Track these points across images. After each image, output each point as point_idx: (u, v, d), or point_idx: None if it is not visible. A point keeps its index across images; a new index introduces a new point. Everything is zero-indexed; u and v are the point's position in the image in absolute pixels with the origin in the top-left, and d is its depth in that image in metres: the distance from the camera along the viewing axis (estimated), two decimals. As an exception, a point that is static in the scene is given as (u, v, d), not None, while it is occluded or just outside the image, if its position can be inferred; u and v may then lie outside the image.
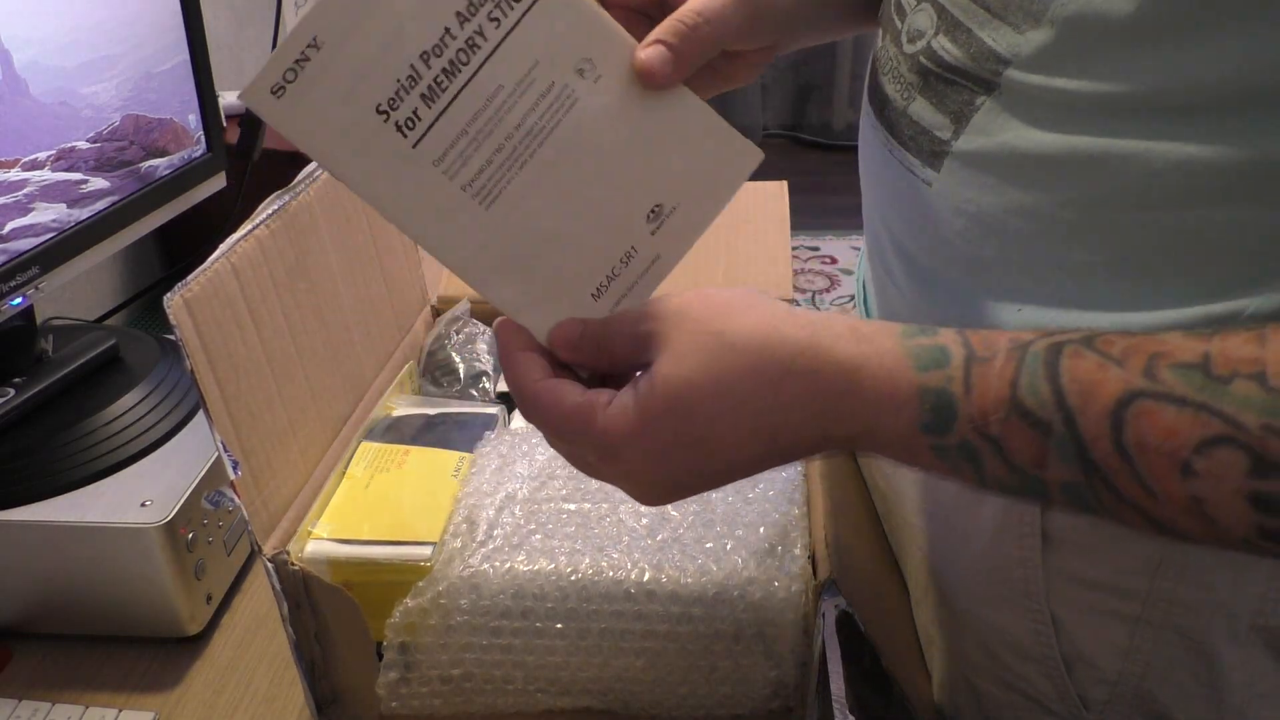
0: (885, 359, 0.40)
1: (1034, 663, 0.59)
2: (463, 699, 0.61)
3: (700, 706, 0.61)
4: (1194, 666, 0.56)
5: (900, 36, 0.56)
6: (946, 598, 0.63)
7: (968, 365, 0.39)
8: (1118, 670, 0.57)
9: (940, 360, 0.39)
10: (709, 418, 0.41)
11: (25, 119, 0.73)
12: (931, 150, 0.53)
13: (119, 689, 0.70)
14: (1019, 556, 0.57)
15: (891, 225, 0.58)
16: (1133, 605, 0.55)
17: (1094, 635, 0.57)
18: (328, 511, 0.62)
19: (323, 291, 0.69)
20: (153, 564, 0.68)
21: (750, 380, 0.41)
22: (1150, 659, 0.56)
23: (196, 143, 0.92)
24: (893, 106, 0.57)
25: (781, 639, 0.58)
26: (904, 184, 0.56)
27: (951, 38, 0.52)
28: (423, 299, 0.89)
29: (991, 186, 0.50)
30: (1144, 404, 0.36)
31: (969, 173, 0.51)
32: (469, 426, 0.71)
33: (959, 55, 0.51)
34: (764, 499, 0.62)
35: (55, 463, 0.72)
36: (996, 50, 0.49)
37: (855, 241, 3.12)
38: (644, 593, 0.58)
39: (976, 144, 0.51)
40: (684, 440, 0.42)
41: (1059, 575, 0.56)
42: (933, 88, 0.53)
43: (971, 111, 0.51)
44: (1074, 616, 0.57)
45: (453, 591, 0.58)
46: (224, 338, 0.58)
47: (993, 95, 0.50)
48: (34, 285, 0.75)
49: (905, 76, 0.56)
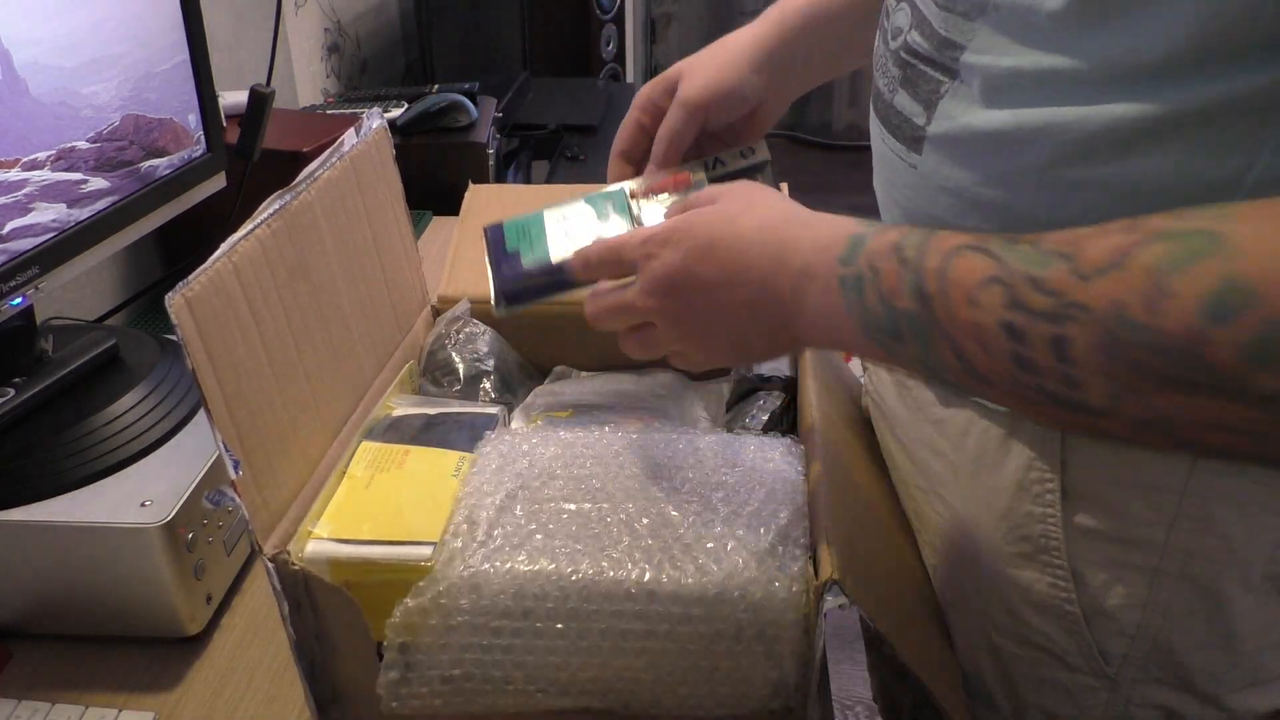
0: (837, 219, 0.53)
1: (1054, 618, 0.62)
2: (463, 699, 0.61)
3: (700, 707, 0.61)
4: (1209, 616, 0.59)
5: (887, 35, 0.63)
6: (968, 559, 0.66)
7: (885, 228, 0.50)
8: (1136, 623, 0.60)
9: (872, 223, 0.51)
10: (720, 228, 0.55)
11: (25, 119, 0.73)
12: (912, 136, 0.60)
13: (119, 689, 0.70)
14: (1039, 513, 0.60)
15: (896, 204, 0.64)
16: (1150, 557, 0.58)
17: (1113, 588, 0.60)
18: (328, 511, 0.62)
19: (323, 291, 0.69)
20: (153, 564, 0.68)
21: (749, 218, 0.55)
22: (1167, 610, 0.59)
23: (196, 143, 0.92)
24: (883, 99, 0.64)
25: (782, 639, 0.58)
26: (898, 169, 0.62)
27: (921, 31, 0.59)
28: (423, 299, 0.89)
29: (963, 163, 0.57)
30: (965, 252, 0.45)
31: (943, 153, 0.58)
32: (469, 426, 0.71)
33: (927, 47, 0.58)
34: (764, 499, 0.62)
35: (55, 463, 0.72)
36: (952, 38, 0.56)
37: (855, 242, 3.11)
38: (644, 593, 0.58)
39: (944, 127, 0.58)
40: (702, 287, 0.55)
41: (1078, 530, 0.60)
42: (910, 79, 0.60)
43: (938, 99, 0.58)
44: (1093, 571, 0.60)
45: (453, 591, 0.58)
46: (225, 337, 0.58)
47: (953, 80, 0.57)
48: (34, 285, 0.75)
49: (890, 71, 0.62)
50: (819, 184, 3.35)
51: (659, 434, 0.69)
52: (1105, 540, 0.59)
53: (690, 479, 0.64)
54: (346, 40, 1.93)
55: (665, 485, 0.63)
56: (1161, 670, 0.61)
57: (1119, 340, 0.40)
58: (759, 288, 0.53)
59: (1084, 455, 0.58)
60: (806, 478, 0.65)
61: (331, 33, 1.87)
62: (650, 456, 0.66)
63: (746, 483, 0.64)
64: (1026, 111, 0.53)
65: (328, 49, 1.85)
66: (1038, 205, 0.54)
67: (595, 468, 0.65)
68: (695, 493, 0.63)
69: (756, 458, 0.66)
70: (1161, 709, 0.62)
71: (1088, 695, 0.63)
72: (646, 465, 0.65)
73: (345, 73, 1.93)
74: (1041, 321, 0.42)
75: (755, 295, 0.54)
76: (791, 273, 0.52)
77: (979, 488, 0.63)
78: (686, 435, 0.69)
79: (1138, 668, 0.61)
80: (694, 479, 0.64)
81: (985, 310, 0.44)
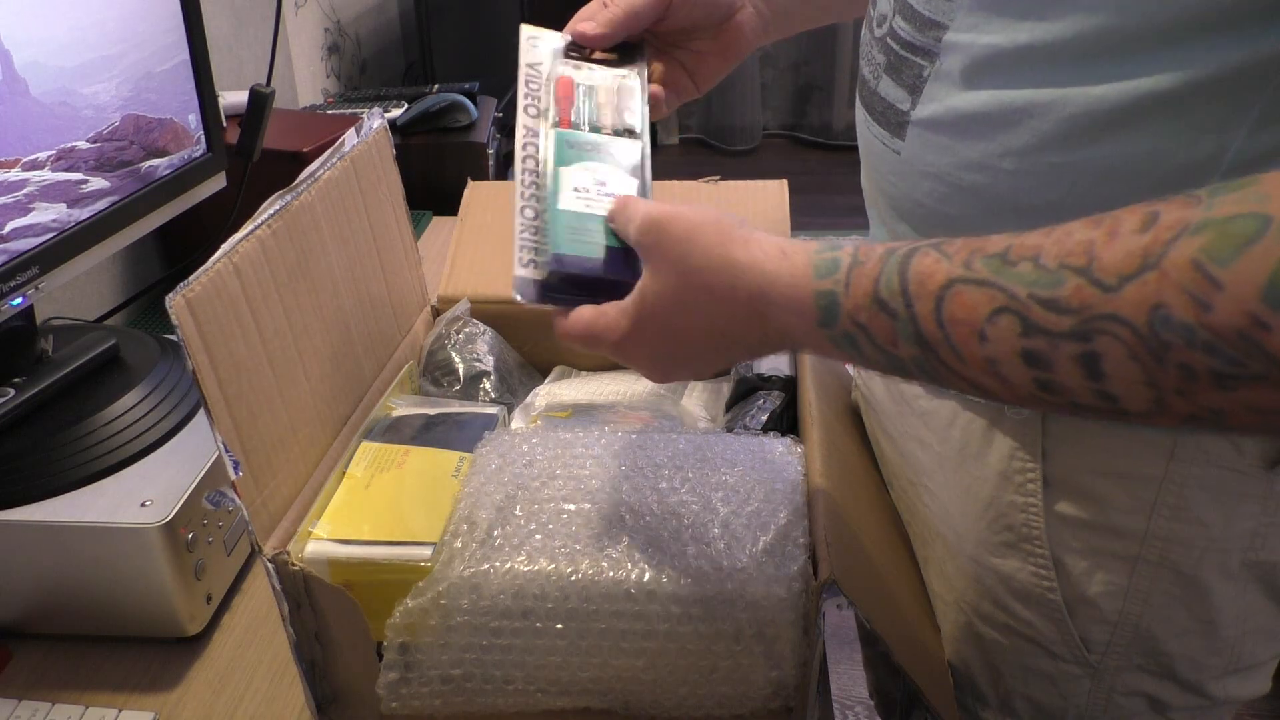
0: (796, 272, 0.49)
1: (1037, 607, 0.62)
2: (463, 699, 0.61)
3: (700, 707, 0.61)
4: (1189, 604, 0.60)
5: (872, 22, 0.63)
6: (953, 549, 0.66)
7: (850, 270, 0.47)
8: (1118, 610, 0.61)
9: (832, 269, 0.48)
10: (678, 318, 0.52)
11: (25, 119, 0.73)
12: (897, 122, 0.60)
13: (119, 689, 0.70)
14: (1021, 502, 0.61)
15: (881, 193, 0.64)
16: (1130, 545, 0.59)
17: (1094, 576, 0.60)
18: (328, 512, 0.62)
19: (323, 291, 0.69)
20: (153, 564, 0.68)
21: (705, 294, 0.51)
22: (1148, 598, 0.60)
23: (196, 143, 0.92)
24: (867, 87, 0.64)
25: (781, 639, 0.58)
26: (883, 156, 0.62)
27: (904, 15, 0.59)
28: (423, 299, 0.89)
29: (946, 147, 0.57)
30: (958, 288, 0.43)
31: (927, 138, 0.58)
32: (469, 426, 0.71)
33: (911, 30, 0.58)
34: (764, 499, 0.62)
35: (55, 463, 0.72)
36: (934, 19, 0.56)
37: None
38: (644, 593, 0.58)
39: (929, 111, 0.57)
40: (663, 333, 0.53)
41: (1059, 519, 0.60)
42: (894, 66, 0.60)
43: (922, 83, 0.58)
44: (1074, 559, 0.61)
45: (453, 591, 0.58)
46: (225, 337, 0.58)
47: (935, 63, 0.57)
48: (34, 285, 0.75)
49: (875, 58, 0.62)
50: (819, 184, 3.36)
51: (659, 434, 0.69)
52: (1086, 528, 0.59)
53: (690, 479, 0.64)
54: (346, 40, 1.93)
55: (665, 485, 0.63)
56: (1144, 658, 0.62)
57: (1162, 345, 0.37)
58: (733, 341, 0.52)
59: (1065, 445, 0.59)
60: (806, 478, 0.65)
61: (331, 33, 1.87)
62: (650, 456, 0.66)
63: (746, 483, 0.64)
64: (1007, 93, 0.53)
65: (328, 49, 1.85)
66: (1018, 189, 0.54)
67: (595, 468, 0.65)
68: (695, 493, 0.63)
69: (756, 458, 0.66)
70: (1144, 696, 0.63)
71: (1071, 683, 0.63)
72: (646, 465, 0.65)
73: (345, 73, 1.93)
74: (1066, 343, 0.40)
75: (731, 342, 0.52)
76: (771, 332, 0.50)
77: (963, 478, 0.64)
78: (686, 435, 0.69)
79: (1120, 655, 0.62)
80: (694, 479, 0.64)
81: (998, 344, 0.42)
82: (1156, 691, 0.63)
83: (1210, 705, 0.63)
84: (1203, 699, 0.63)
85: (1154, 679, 0.62)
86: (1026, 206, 0.54)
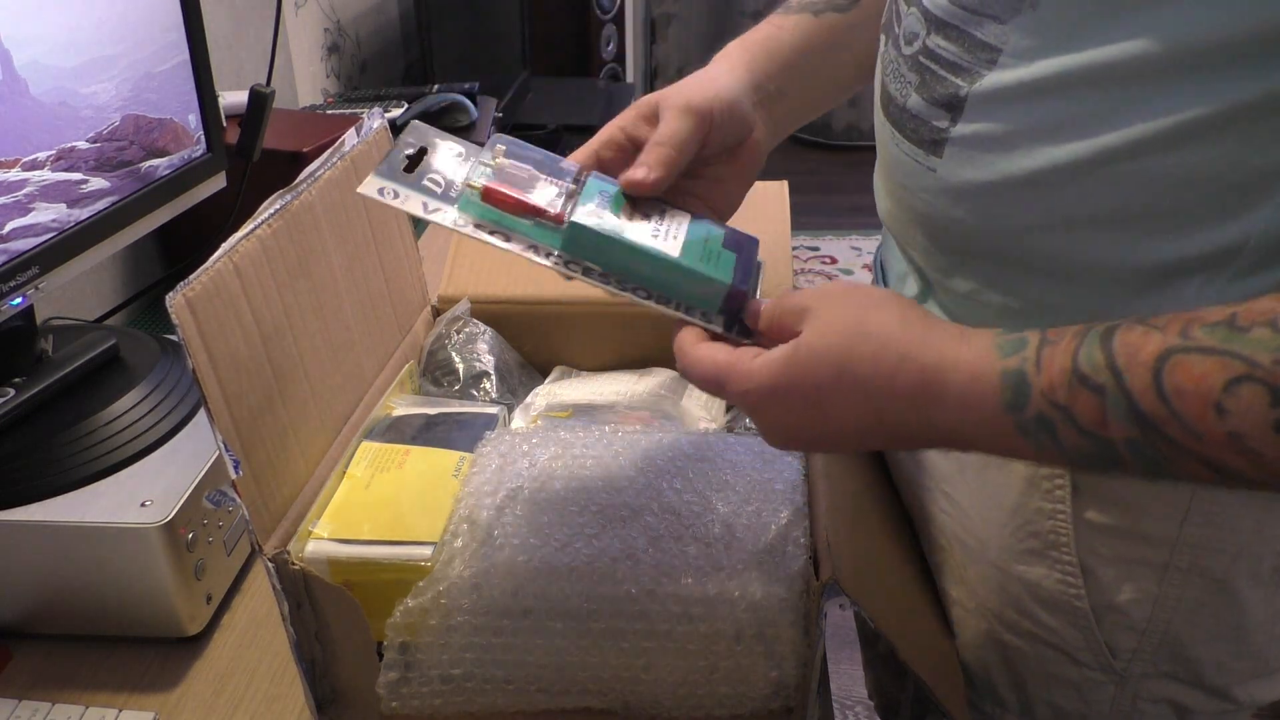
0: (978, 352, 0.46)
1: (1063, 614, 0.62)
2: (463, 698, 0.61)
3: (700, 706, 0.61)
4: (1218, 610, 0.59)
5: (899, 40, 0.61)
6: (975, 555, 0.66)
7: (1040, 348, 0.44)
8: (1146, 617, 0.60)
9: (1019, 346, 0.45)
10: (830, 386, 0.48)
11: (25, 119, 0.73)
12: (932, 140, 0.58)
13: (119, 689, 0.70)
14: (1049, 509, 0.60)
15: (907, 209, 0.63)
16: (1161, 552, 0.58)
17: (1123, 584, 0.60)
18: (328, 511, 0.62)
19: (324, 291, 0.69)
20: (153, 564, 0.68)
21: (870, 364, 0.47)
22: (1177, 605, 0.59)
23: (196, 143, 0.92)
24: (895, 103, 0.61)
25: (781, 639, 0.58)
26: (914, 172, 0.60)
27: (944, 35, 0.57)
28: (423, 299, 0.89)
29: (989, 164, 0.55)
30: (1178, 357, 0.40)
31: (968, 154, 0.56)
32: (469, 426, 0.71)
33: (956, 50, 0.56)
34: (764, 499, 0.62)
35: (55, 463, 0.72)
36: (987, 41, 0.54)
37: (855, 241, 3.12)
38: (644, 593, 0.58)
39: (973, 128, 0.56)
40: (807, 399, 0.49)
41: (1088, 526, 0.59)
42: (928, 84, 0.58)
43: (961, 101, 0.56)
44: (1103, 566, 0.60)
45: (453, 591, 0.58)
46: (225, 337, 0.58)
47: (980, 84, 0.55)
48: (34, 285, 0.75)
49: (905, 75, 0.60)
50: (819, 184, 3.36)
51: (659, 434, 0.69)
52: (1116, 535, 0.59)
53: (690, 479, 0.64)
54: (346, 40, 1.93)
55: (665, 485, 0.63)
56: (1170, 664, 0.61)
57: None
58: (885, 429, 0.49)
59: None
60: (807, 477, 0.65)
61: (331, 33, 1.87)
62: (650, 456, 0.66)
63: (746, 482, 0.64)
64: (1070, 108, 0.51)
65: (328, 49, 1.85)
66: (1084, 195, 0.53)
67: (595, 468, 0.65)
68: (695, 493, 0.63)
69: (757, 457, 0.66)
70: (1169, 702, 0.63)
71: (1095, 690, 0.63)
72: (646, 465, 0.65)
73: (345, 73, 1.93)
74: None
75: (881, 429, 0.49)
76: (937, 422, 0.47)
77: (987, 484, 0.63)
78: (687, 435, 0.69)
79: (1146, 662, 0.61)
80: (694, 479, 0.64)
81: (1241, 416, 0.39)
82: (1181, 697, 0.62)
83: (1234, 710, 0.63)
84: (1227, 703, 0.62)
85: (1180, 685, 0.62)
86: (1085, 218, 0.52)
